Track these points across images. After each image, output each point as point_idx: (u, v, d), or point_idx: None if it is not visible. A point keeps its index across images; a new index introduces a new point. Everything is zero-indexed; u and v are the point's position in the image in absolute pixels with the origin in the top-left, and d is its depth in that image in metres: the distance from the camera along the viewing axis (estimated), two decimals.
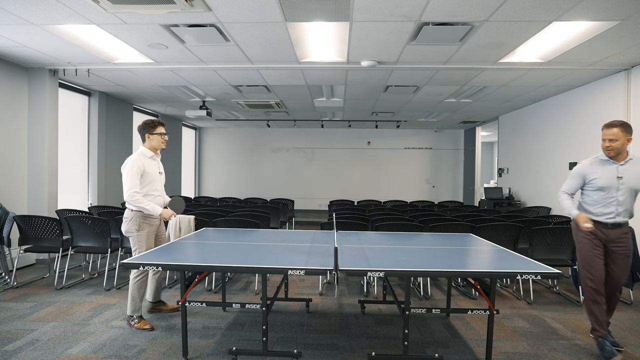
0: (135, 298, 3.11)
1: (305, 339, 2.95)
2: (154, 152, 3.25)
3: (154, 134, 3.19)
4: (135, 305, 3.11)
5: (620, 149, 2.70)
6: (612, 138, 2.70)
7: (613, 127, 2.70)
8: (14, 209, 4.75)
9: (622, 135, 2.68)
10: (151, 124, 3.19)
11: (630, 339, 3.03)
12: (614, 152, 2.72)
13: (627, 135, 2.69)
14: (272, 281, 4.41)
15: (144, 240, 3.13)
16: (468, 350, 2.79)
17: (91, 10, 3.47)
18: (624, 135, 2.68)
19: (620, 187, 2.72)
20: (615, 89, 5.26)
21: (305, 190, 11.65)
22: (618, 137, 2.68)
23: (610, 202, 2.76)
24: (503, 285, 4.46)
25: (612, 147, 2.71)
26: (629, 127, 2.71)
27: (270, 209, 5.89)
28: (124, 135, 7.58)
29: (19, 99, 5.24)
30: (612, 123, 2.73)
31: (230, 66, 5.19)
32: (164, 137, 3.25)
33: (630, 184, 2.71)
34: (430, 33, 3.91)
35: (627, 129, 2.70)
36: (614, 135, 2.69)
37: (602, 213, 2.78)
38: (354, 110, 8.49)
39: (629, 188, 2.72)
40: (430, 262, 2.56)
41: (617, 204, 2.74)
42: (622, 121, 2.73)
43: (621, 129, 2.68)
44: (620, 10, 3.36)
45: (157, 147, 3.25)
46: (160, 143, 3.24)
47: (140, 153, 3.17)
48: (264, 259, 2.57)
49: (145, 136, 3.21)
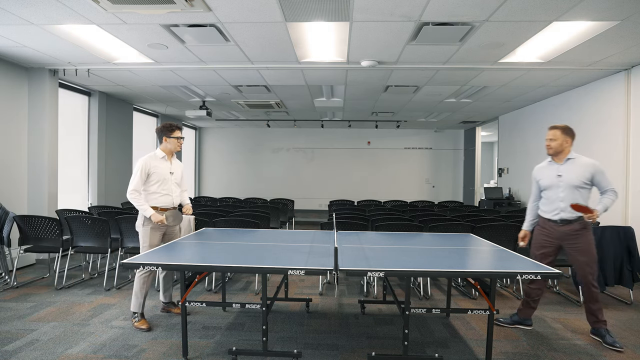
0: (137, 294, 3.13)
1: (305, 339, 2.95)
2: (169, 154, 3.39)
3: (171, 137, 3.34)
4: (137, 302, 3.13)
5: (558, 148, 2.97)
6: (551, 138, 3.00)
7: (553, 128, 3.01)
8: (14, 209, 4.75)
9: (561, 136, 2.96)
10: (169, 128, 3.34)
11: (630, 339, 3.03)
12: (552, 151, 3.00)
13: (566, 137, 2.97)
14: (272, 281, 4.41)
15: (147, 236, 3.20)
16: (468, 350, 2.79)
17: (91, 10, 3.47)
18: (562, 136, 2.96)
19: (560, 185, 2.97)
20: (615, 89, 5.26)
21: (305, 190, 11.65)
22: (556, 137, 2.97)
23: (553, 199, 3.02)
24: (503, 285, 4.46)
25: (550, 146, 2.99)
26: (569, 131, 2.98)
27: (270, 209, 5.89)
28: (124, 135, 7.58)
29: (19, 99, 5.24)
30: (554, 125, 3.03)
31: (230, 66, 5.19)
32: (180, 140, 3.40)
33: (569, 181, 2.93)
34: (430, 33, 3.91)
35: (567, 132, 2.97)
36: (553, 136, 2.99)
37: (549, 210, 3.05)
38: (354, 110, 8.49)
39: (568, 185, 2.94)
40: (430, 262, 2.56)
41: (560, 200, 2.97)
42: (564, 125, 3.01)
43: (560, 130, 2.97)
44: (620, 10, 3.36)
45: (173, 150, 3.40)
46: (177, 146, 3.39)
47: (153, 154, 3.32)
48: (264, 259, 2.56)
49: (162, 138, 3.37)
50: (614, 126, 5.29)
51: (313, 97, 7.17)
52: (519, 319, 3.25)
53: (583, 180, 2.90)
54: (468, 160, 10.99)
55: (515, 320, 3.26)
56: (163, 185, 3.27)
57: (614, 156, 5.24)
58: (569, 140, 2.97)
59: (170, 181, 3.33)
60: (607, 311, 3.63)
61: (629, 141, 5.02)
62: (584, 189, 2.92)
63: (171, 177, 3.34)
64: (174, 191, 3.36)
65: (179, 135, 3.37)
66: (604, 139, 5.48)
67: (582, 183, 2.90)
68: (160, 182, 3.26)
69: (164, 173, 3.28)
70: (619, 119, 5.19)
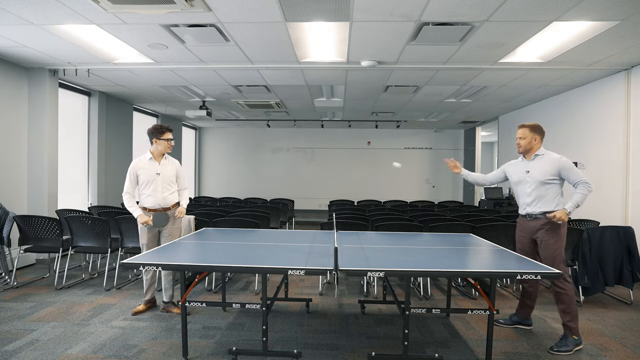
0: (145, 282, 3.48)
1: (305, 339, 2.95)
2: (158, 155, 3.46)
3: (161, 139, 3.41)
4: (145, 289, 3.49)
5: (527, 146, 3.03)
6: (520, 136, 3.06)
7: (522, 127, 3.06)
8: (14, 209, 4.74)
9: (529, 135, 3.02)
10: (159, 129, 3.41)
11: (630, 339, 3.03)
12: (522, 149, 3.07)
13: (535, 135, 3.02)
14: (272, 281, 4.41)
15: (140, 234, 3.43)
16: (468, 350, 2.79)
17: (91, 10, 3.47)
18: (530, 134, 3.01)
19: (527, 181, 3.02)
20: (615, 89, 5.26)
21: (305, 190, 11.65)
22: (525, 135, 3.03)
23: (521, 194, 3.10)
24: (503, 285, 4.46)
25: (520, 144, 3.06)
26: (537, 129, 3.03)
27: (270, 209, 5.89)
28: (124, 135, 7.58)
29: (19, 99, 5.24)
30: (522, 124, 3.07)
31: (230, 66, 5.19)
32: (170, 142, 3.46)
33: (536, 177, 2.97)
34: (430, 33, 3.91)
35: (535, 130, 3.02)
36: (522, 134, 3.05)
37: (520, 205, 3.14)
38: (354, 110, 8.49)
39: (535, 181, 2.97)
40: (430, 262, 2.56)
41: (527, 196, 3.03)
42: (533, 123, 3.06)
43: (529, 129, 3.03)
44: (620, 10, 3.36)
45: (163, 151, 3.48)
46: (166, 147, 3.46)
47: (143, 156, 3.46)
48: (264, 259, 2.56)
49: (153, 140, 3.44)
50: (614, 126, 5.29)
51: (313, 97, 7.17)
52: (518, 319, 3.25)
53: (549, 176, 2.92)
54: (468, 160, 10.99)
55: (515, 320, 3.26)
56: (149, 186, 3.39)
57: (614, 156, 5.24)
58: (537, 138, 3.02)
59: (157, 182, 3.40)
60: (607, 311, 3.63)
61: (629, 141, 5.02)
62: (551, 184, 2.93)
63: (157, 178, 3.40)
64: (160, 192, 3.41)
65: (169, 137, 3.43)
66: (604, 139, 5.48)
67: (548, 179, 2.92)
68: (146, 183, 3.39)
69: (150, 174, 3.38)
70: (619, 119, 5.19)
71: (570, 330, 2.84)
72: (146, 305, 3.49)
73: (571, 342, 2.81)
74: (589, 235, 3.82)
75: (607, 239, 3.85)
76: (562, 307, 2.88)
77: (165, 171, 3.45)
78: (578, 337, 2.85)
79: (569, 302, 2.85)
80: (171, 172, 3.49)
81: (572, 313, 2.84)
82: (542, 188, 2.96)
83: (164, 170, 3.44)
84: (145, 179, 3.37)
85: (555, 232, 2.91)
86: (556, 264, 2.85)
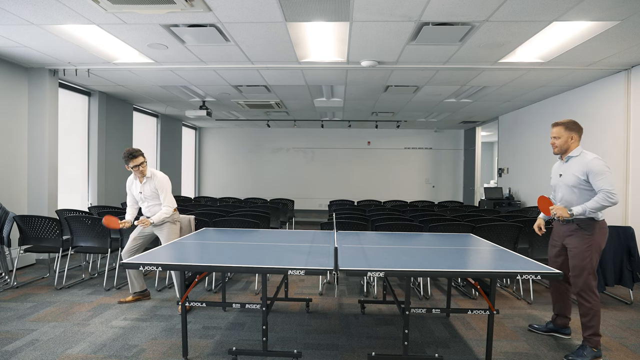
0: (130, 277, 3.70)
1: (305, 339, 2.95)
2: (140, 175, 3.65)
3: (128, 167, 3.56)
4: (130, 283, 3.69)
5: (563, 146, 2.79)
6: (554, 136, 2.81)
7: (556, 125, 2.81)
8: (14, 209, 4.75)
9: (565, 133, 2.76)
10: (125, 157, 3.53)
11: (630, 339, 3.03)
12: (557, 150, 2.83)
13: (571, 133, 2.76)
14: (272, 281, 4.41)
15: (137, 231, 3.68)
16: (468, 350, 2.79)
17: (91, 10, 3.47)
18: (566, 132, 2.76)
19: (560, 185, 2.83)
20: (615, 89, 5.26)
21: (305, 190, 11.65)
22: (560, 134, 2.78)
23: (553, 197, 2.94)
24: (503, 285, 4.46)
25: (555, 144, 2.82)
26: (573, 125, 2.77)
27: (270, 209, 5.89)
28: (124, 135, 7.57)
29: (19, 99, 5.24)
30: (556, 122, 2.83)
31: (230, 66, 5.19)
32: (137, 169, 3.55)
33: (566, 181, 2.77)
34: (430, 33, 3.91)
35: (570, 127, 2.77)
36: (556, 133, 2.80)
37: None
38: (354, 110, 8.49)
39: (565, 185, 2.78)
40: (430, 262, 2.56)
41: (558, 201, 2.86)
42: (568, 120, 2.81)
43: (563, 127, 2.77)
44: (620, 10, 3.36)
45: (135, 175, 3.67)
46: (136, 173, 3.61)
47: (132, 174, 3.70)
48: (264, 259, 2.56)
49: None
50: (614, 126, 5.29)
51: (313, 97, 7.17)
52: (554, 327, 3.06)
53: (578, 180, 2.67)
54: (468, 160, 10.99)
55: (550, 328, 3.07)
56: (134, 201, 3.76)
57: (614, 156, 5.24)
58: (574, 136, 2.74)
59: (142, 199, 3.68)
60: (607, 311, 3.63)
61: (629, 141, 5.02)
62: (582, 190, 2.67)
63: (140, 196, 3.68)
64: (146, 207, 3.70)
65: (133, 164, 3.51)
66: (604, 139, 5.48)
67: (578, 183, 2.67)
68: (137, 199, 3.73)
69: (136, 192, 3.70)
70: (618, 119, 5.19)
71: (589, 342, 2.67)
72: (135, 297, 3.72)
73: (589, 352, 2.63)
74: None
75: (607, 239, 3.83)
76: (585, 320, 2.69)
77: (145, 190, 3.65)
78: (598, 349, 2.65)
79: (593, 315, 2.65)
80: (151, 189, 3.65)
81: (594, 327, 2.65)
82: (572, 193, 2.73)
83: (144, 189, 3.65)
84: (134, 196, 3.72)
85: (583, 239, 2.68)
86: (583, 276, 2.66)
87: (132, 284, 3.70)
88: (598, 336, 2.67)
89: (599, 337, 2.68)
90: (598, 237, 2.68)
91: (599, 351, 2.66)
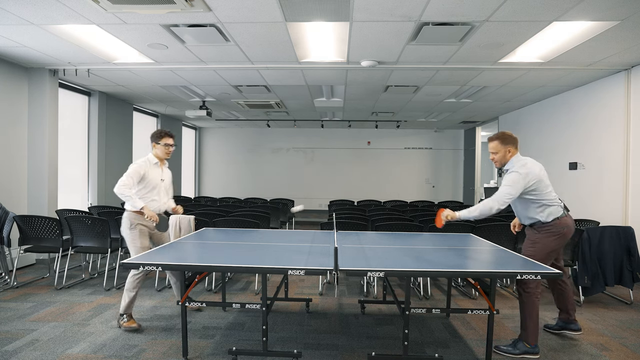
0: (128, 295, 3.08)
1: (305, 339, 2.95)
2: (160, 160, 3.36)
3: (159, 144, 3.30)
4: (126, 303, 3.08)
5: (502, 160, 2.80)
6: (492, 151, 2.82)
7: (491, 140, 2.81)
8: (14, 209, 4.74)
9: (501, 147, 2.78)
10: (159, 134, 3.32)
11: (630, 339, 3.03)
12: (498, 164, 2.83)
13: (507, 147, 2.77)
14: (272, 281, 4.41)
15: (138, 239, 3.14)
16: (468, 350, 2.79)
17: (91, 10, 3.47)
18: (502, 146, 2.77)
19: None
20: (615, 89, 5.25)
21: (305, 190, 11.65)
22: (497, 149, 2.79)
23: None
24: (503, 285, 4.46)
25: (495, 159, 2.83)
26: (508, 138, 2.78)
27: (270, 209, 5.89)
28: (124, 135, 7.58)
29: (19, 99, 5.24)
30: (490, 137, 2.82)
31: (230, 66, 5.19)
32: (168, 148, 3.33)
33: None
34: (430, 33, 3.91)
35: (506, 140, 2.78)
36: (493, 149, 2.81)
37: None
38: (354, 110, 8.49)
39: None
40: (430, 262, 2.56)
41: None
42: (501, 133, 2.82)
43: (498, 141, 2.78)
44: (620, 10, 3.36)
45: (162, 157, 3.36)
46: (165, 153, 3.35)
47: (147, 159, 3.29)
48: (264, 259, 2.57)
49: (153, 144, 3.34)
50: (614, 126, 5.29)
51: (313, 97, 7.17)
52: (562, 323, 3.06)
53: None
54: (468, 160, 10.99)
55: (560, 325, 3.07)
56: (153, 191, 3.27)
57: (614, 156, 5.24)
58: (510, 149, 2.77)
59: (160, 188, 3.34)
60: (607, 311, 3.64)
61: (629, 141, 5.02)
62: (522, 199, 2.72)
63: (161, 184, 3.35)
64: (162, 198, 3.36)
65: (167, 142, 3.30)
66: (604, 139, 5.48)
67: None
68: (151, 188, 3.26)
69: (155, 179, 3.29)
70: (619, 119, 5.19)
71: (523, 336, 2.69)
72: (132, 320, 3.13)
73: (521, 347, 2.66)
74: (588, 235, 3.82)
75: (607, 239, 3.85)
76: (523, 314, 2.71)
77: (167, 178, 3.43)
78: (531, 346, 2.65)
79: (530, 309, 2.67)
80: (169, 179, 3.48)
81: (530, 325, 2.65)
82: (516, 204, 2.83)
83: (166, 177, 3.42)
84: (151, 183, 3.25)
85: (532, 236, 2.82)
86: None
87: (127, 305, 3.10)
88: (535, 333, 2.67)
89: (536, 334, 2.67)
90: (545, 238, 2.74)
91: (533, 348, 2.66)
